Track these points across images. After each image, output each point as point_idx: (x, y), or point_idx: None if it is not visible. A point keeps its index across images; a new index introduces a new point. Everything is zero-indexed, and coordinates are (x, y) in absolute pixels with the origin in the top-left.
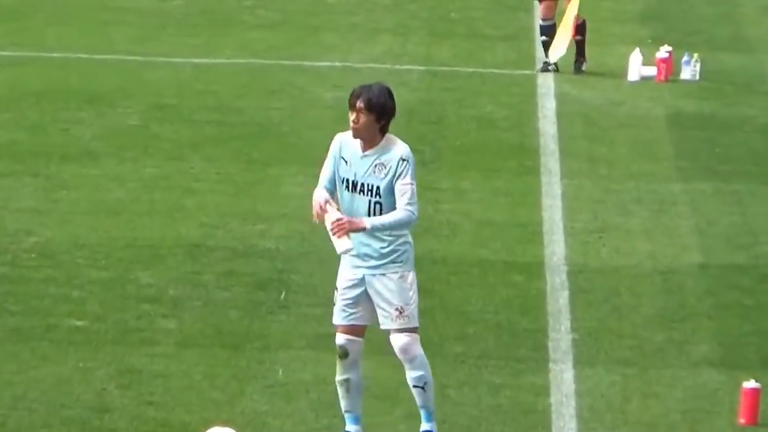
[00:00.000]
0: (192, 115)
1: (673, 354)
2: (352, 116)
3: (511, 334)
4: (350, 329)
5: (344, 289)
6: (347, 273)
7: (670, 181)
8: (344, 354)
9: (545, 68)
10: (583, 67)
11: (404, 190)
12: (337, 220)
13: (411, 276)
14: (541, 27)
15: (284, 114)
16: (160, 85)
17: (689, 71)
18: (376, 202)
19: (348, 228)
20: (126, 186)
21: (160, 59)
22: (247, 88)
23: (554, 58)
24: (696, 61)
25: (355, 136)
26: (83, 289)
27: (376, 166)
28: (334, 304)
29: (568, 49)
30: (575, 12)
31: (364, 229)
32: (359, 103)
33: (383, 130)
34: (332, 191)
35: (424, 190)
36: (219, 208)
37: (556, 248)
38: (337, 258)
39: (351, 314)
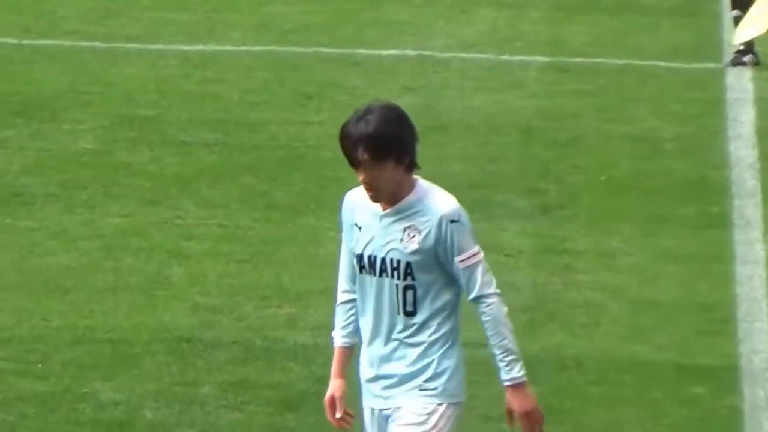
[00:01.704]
0: (180, 134)
1: None
2: (359, 176)
3: None
4: None
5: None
6: (364, 401)
7: None
8: None
9: (739, 60)
10: (746, 59)
11: (471, 269)
12: None
13: (448, 412)
14: None
15: (325, 131)
16: (130, 86)
17: None
18: (406, 287)
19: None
20: (76, 246)
21: (131, 46)
22: (267, 90)
23: (740, 39)
24: None
25: (374, 200)
26: (9, 408)
27: (404, 230)
28: None
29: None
30: None
31: (524, 385)
32: (360, 153)
33: (410, 170)
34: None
35: (546, 253)
36: (223, 280)
37: (758, 343)
38: None
39: None
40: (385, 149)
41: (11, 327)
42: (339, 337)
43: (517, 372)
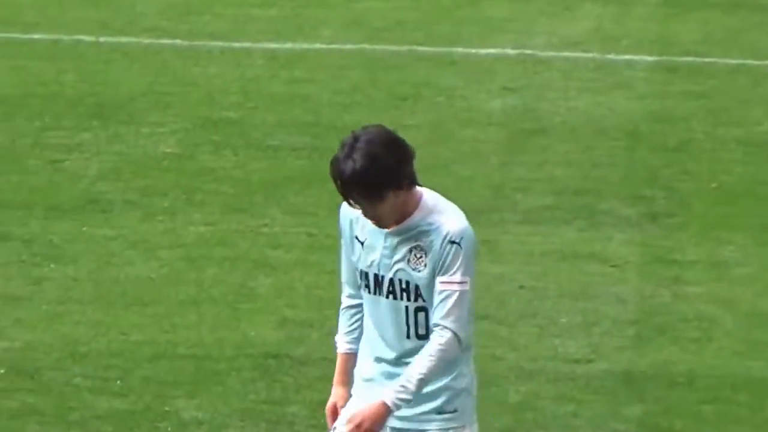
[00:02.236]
0: (267, 138)
1: None
2: (359, 209)
3: None
4: None
5: None
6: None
7: None
8: None
9: None
10: None
11: (446, 293)
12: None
13: None
14: None
15: (420, 134)
16: (213, 87)
17: None
18: (417, 309)
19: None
20: (156, 256)
21: (214, 44)
22: (359, 91)
23: None
24: None
25: (380, 227)
26: (86, 428)
27: (411, 250)
28: None
29: None
30: None
31: (389, 413)
32: (354, 195)
33: (411, 187)
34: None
35: (655, 264)
36: (312, 292)
37: None
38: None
39: None
40: (378, 188)
41: (88, 341)
42: (343, 343)
43: (396, 401)
